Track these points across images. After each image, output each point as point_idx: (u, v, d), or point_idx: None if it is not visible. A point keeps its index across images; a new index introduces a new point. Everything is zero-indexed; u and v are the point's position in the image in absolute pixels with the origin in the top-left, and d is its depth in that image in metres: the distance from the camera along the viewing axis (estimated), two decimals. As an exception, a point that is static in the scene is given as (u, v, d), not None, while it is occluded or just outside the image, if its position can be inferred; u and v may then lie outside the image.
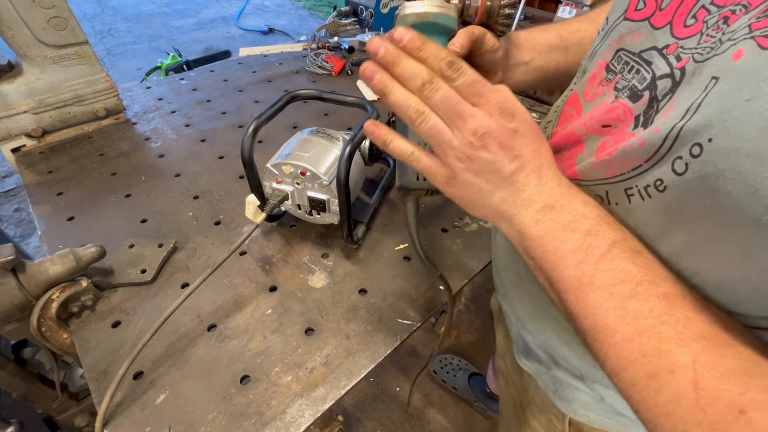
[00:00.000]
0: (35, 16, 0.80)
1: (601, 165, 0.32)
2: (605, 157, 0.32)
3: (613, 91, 0.33)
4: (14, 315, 0.55)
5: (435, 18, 0.36)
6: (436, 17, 0.36)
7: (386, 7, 1.73)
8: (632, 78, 0.31)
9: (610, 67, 0.35)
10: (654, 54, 0.30)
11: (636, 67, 0.31)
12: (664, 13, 0.30)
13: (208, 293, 0.61)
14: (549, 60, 0.50)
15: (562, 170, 0.35)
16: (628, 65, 0.32)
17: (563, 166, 0.36)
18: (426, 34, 0.32)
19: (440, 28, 0.37)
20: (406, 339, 0.57)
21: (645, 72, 0.30)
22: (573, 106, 0.40)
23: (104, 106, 0.96)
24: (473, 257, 0.68)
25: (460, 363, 1.43)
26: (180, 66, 2.20)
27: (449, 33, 0.39)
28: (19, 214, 2.07)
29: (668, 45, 0.29)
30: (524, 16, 2.69)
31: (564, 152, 0.38)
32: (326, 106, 1.08)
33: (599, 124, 0.33)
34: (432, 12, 0.36)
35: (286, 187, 0.62)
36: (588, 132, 0.35)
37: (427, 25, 0.37)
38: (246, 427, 0.47)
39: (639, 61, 0.31)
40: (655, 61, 0.29)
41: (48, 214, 0.75)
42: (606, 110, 0.33)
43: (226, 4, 4.93)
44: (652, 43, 0.30)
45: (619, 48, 0.34)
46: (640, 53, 0.31)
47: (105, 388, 0.49)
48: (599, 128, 0.33)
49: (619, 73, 0.33)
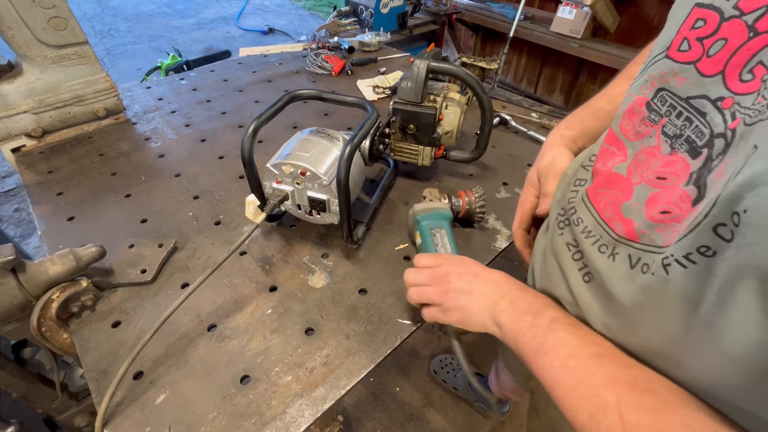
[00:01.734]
0: (35, 16, 0.80)
1: (661, 229, 0.31)
2: (661, 221, 0.31)
3: (662, 136, 0.33)
4: (14, 315, 0.55)
5: (435, 210, 0.64)
6: (436, 209, 0.65)
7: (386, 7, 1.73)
8: (684, 127, 0.31)
9: (653, 107, 0.34)
10: (706, 104, 0.29)
11: (686, 115, 0.31)
12: (713, 61, 0.29)
13: (208, 293, 0.61)
14: None
15: (606, 217, 0.37)
16: (675, 110, 0.32)
17: (607, 212, 0.37)
18: (433, 220, 0.63)
19: (440, 216, 0.64)
20: (406, 339, 0.57)
21: (701, 125, 0.29)
22: (612, 142, 0.39)
23: (104, 106, 0.96)
24: (473, 257, 0.67)
25: (460, 363, 1.43)
26: (180, 66, 2.20)
27: (448, 218, 0.64)
28: (19, 214, 2.07)
29: (723, 98, 0.28)
30: (524, 16, 2.69)
31: (606, 193, 0.38)
32: (326, 106, 1.08)
33: (655, 175, 0.33)
34: (434, 206, 0.65)
35: (286, 187, 0.62)
36: (641, 181, 0.34)
37: (432, 214, 0.64)
38: (246, 427, 0.47)
39: (689, 109, 0.31)
40: (710, 114, 0.29)
41: (48, 214, 0.75)
42: (665, 163, 0.32)
43: (226, 4, 4.93)
44: (702, 91, 0.29)
45: (660, 87, 0.33)
46: (688, 99, 0.31)
47: (105, 388, 0.49)
48: (654, 179, 0.33)
49: (665, 116, 0.33)
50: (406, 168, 0.86)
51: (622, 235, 0.35)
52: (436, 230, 0.62)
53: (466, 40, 3.40)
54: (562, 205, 0.45)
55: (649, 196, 0.33)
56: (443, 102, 0.75)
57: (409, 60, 1.37)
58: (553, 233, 0.45)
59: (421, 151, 0.77)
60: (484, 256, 0.68)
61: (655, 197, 0.32)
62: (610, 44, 2.43)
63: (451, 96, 0.77)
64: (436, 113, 0.72)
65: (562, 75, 2.91)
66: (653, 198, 0.32)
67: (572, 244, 0.42)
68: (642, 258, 0.33)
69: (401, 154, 0.79)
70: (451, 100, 0.77)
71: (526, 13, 2.73)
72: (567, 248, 0.42)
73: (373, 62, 1.32)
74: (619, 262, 0.35)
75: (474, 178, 0.85)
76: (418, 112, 0.72)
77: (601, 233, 0.38)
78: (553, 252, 0.45)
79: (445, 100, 0.76)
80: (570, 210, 0.43)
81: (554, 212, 0.49)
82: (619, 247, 0.35)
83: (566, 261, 0.42)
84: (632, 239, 0.34)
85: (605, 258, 0.37)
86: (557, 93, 3.00)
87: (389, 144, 0.78)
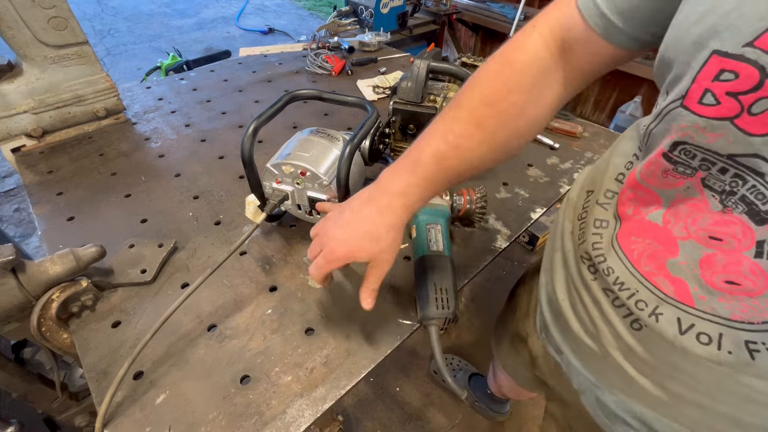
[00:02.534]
0: (35, 16, 0.80)
1: (726, 300, 0.29)
2: (728, 291, 0.28)
3: (705, 189, 0.30)
4: (14, 315, 0.55)
5: (434, 206, 0.65)
6: (435, 206, 0.65)
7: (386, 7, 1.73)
8: (735, 184, 0.28)
9: (675, 159, 0.31)
10: (763, 165, 0.26)
11: (735, 172, 0.28)
12: (759, 120, 0.25)
13: (208, 293, 0.61)
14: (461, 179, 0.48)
15: (644, 270, 0.34)
16: (715, 165, 0.29)
17: (645, 265, 0.34)
18: (430, 216, 0.63)
19: (438, 212, 0.64)
20: (406, 339, 0.57)
21: (761, 185, 0.26)
22: (637, 188, 0.36)
23: (104, 106, 0.96)
24: (473, 257, 0.68)
25: (460, 363, 1.43)
26: (180, 66, 2.20)
27: (445, 216, 0.64)
28: (19, 214, 2.07)
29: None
30: (524, 16, 2.70)
31: (640, 241, 0.35)
32: (326, 106, 1.08)
33: (706, 234, 0.30)
34: (433, 202, 0.66)
35: (286, 187, 0.62)
36: (689, 237, 0.31)
37: (430, 210, 0.64)
38: (246, 427, 0.47)
39: (736, 166, 0.27)
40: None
41: (48, 214, 0.75)
42: (717, 222, 0.29)
43: (226, 4, 4.93)
44: (751, 150, 0.26)
45: (679, 141, 0.30)
46: (732, 156, 0.27)
47: (105, 388, 0.49)
48: (706, 238, 0.30)
49: (700, 170, 0.30)
50: (406, 168, 0.86)
51: (671, 295, 0.32)
52: (432, 226, 0.62)
53: (466, 40, 3.40)
54: (585, 249, 0.42)
55: (703, 256, 0.30)
56: (443, 102, 0.75)
57: (409, 60, 1.37)
58: (584, 277, 0.42)
59: (421, 151, 0.77)
60: (484, 256, 0.68)
61: (711, 259, 0.30)
62: (610, 44, 2.42)
63: (451, 96, 0.77)
64: (436, 113, 0.72)
65: (562, 75, 2.91)
66: (708, 260, 0.30)
67: (610, 290, 0.38)
68: (696, 325, 0.30)
69: (401, 154, 0.79)
70: (451, 100, 0.76)
71: (526, 13, 2.73)
72: (605, 294, 0.39)
73: (373, 62, 1.32)
74: (664, 323, 0.32)
75: (474, 177, 0.85)
76: (418, 112, 0.72)
77: (637, 287, 0.34)
78: (591, 296, 0.41)
79: (445, 100, 0.76)
80: (598, 258, 0.39)
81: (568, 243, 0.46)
82: (663, 306, 0.32)
83: (606, 308, 0.39)
84: (684, 302, 0.31)
85: (645, 315, 0.34)
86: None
87: (389, 144, 0.78)
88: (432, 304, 0.54)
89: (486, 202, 0.69)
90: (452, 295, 0.55)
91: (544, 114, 0.43)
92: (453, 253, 0.61)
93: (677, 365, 0.33)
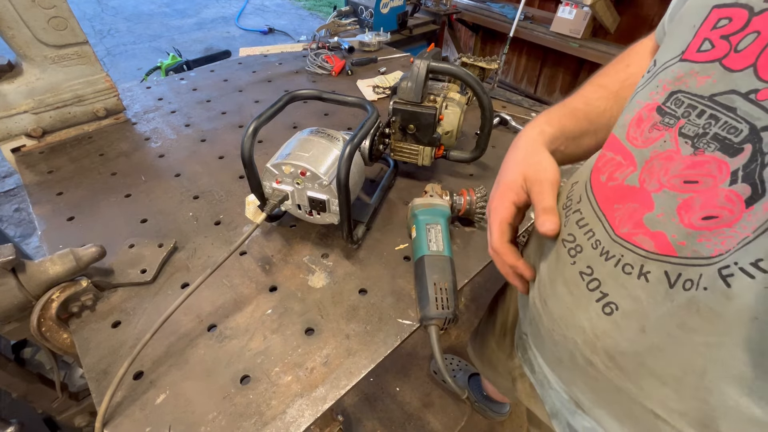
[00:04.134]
0: (35, 16, 0.80)
1: (706, 238, 0.29)
2: (706, 228, 0.28)
3: (680, 138, 0.31)
4: (14, 315, 0.55)
5: (434, 206, 0.65)
6: (435, 206, 0.65)
7: (386, 7, 1.73)
8: (708, 125, 0.29)
9: (666, 110, 0.32)
10: (736, 99, 0.28)
11: (710, 113, 0.29)
12: (742, 55, 0.28)
13: (208, 293, 0.61)
14: (580, 145, 0.51)
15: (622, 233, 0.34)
16: (696, 109, 0.30)
17: (623, 227, 0.34)
18: (430, 216, 0.63)
19: (438, 212, 0.64)
20: (406, 339, 0.57)
21: (732, 120, 0.28)
22: (616, 151, 0.37)
23: (104, 106, 0.96)
24: (473, 257, 0.68)
25: (460, 363, 1.43)
26: (180, 66, 2.20)
27: (446, 215, 0.64)
28: (19, 214, 2.07)
29: (756, 90, 0.27)
30: (524, 16, 2.70)
31: (622, 208, 0.35)
32: (326, 106, 1.08)
33: (681, 179, 0.31)
34: (433, 202, 0.66)
35: (286, 187, 0.62)
36: (662, 188, 0.32)
37: (430, 210, 0.65)
38: (246, 427, 0.47)
39: (714, 107, 0.29)
40: (742, 108, 0.28)
41: (48, 214, 0.75)
42: (690, 165, 0.30)
43: (226, 4, 4.93)
44: (730, 86, 0.28)
45: (675, 90, 0.32)
46: (712, 97, 0.29)
47: (105, 388, 0.49)
48: (681, 184, 0.31)
49: (683, 117, 0.31)
50: (406, 168, 0.86)
51: (652, 250, 0.32)
52: (432, 226, 0.62)
53: (466, 40, 3.40)
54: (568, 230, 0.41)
55: (680, 203, 0.30)
56: (443, 102, 0.75)
57: (409, 60, 1.37)
58: (565, 262, 0.40)
59: (421, 151, 0.77)
60: (484, 256, 0.68)
61: (689, 203, 0.30)
62: (610, 44, 2.43)
63: (451, 96, 0.77)
64: (436, 113, 0.72)
65: (562, 75, 2.91)
66: (685, 204, 0.30)
67: (586, 273, 0.37)
68: (683, 273, 0.29)
69: (401, 154, 0.79)
70: (451, 100, 0.77)
71: (526, 13, 2.73)
72: (581, 277, 0.38)
73: (373, 62, 1.32)
74: (654, 282, 0.31)
75: (474, 178, 0.85)
76: (418, 112, 0.72)
77: (622, 252, 0.34)
78: (565, 283, 0.40)
79: (445, 100, 0.76)
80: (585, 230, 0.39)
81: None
82: (649, 264, 0.32)
83: (582, 291, 0.38)
84: (667, 253, 0.31)
85: (633, 279, 0.33)
86: (557, 93, 3.00)
87: (389, 144, 0.78)
88: (432, 304, 0.54)
89: (486, 202, 0.69)
90: (452, 295, 0.55)
91: None
92: (453, 253, 0.61)
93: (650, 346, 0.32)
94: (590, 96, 0.52)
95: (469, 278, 0.65)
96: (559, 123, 0.49)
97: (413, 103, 0.72)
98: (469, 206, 0.69)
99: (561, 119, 0.50)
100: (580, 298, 0.38)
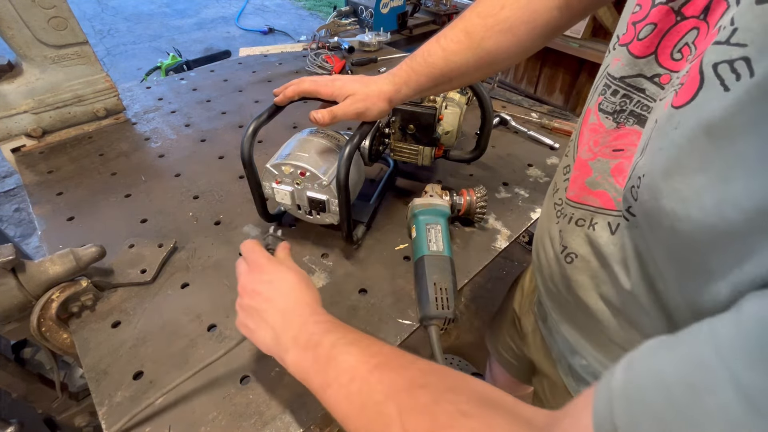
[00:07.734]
0: (35, 16, 0.80)
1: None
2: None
3: (600, 113, 0.37)
4: (14, 315, 0.55)
5: (434, 206, 0.64)
6: (435, 206, 0.64)
7: (386, 7, 1.73)
8: (623, 103, 0.35)
9: (595, 88, 0.39)
10: (643, 81, 0.33)
11: (624, 93, 0.35)
12: (643, 44, 0.32)
13: (208, 293, 0.61)
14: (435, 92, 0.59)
15: (571, 195, 0.41)
16: (610, 88, 0.36)
17: (572, 190, 0.41)
18: (430, 216, 0.63)
19: (438, 212, 0.64)
20: (406, 339, 0.57)
21: (644, 99, 0.33)
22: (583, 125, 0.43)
23: (104, 106, 0.96)
24: (473, 257, 0.68)
25: (460, 363, 1.43)
26: (180, 66, 2.20)
27: (445, 215, 0.64)
28: (19, 214, 2.07)
29: (659, 74, 0.32)
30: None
31: (576, 174, 0.41)
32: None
33: (610, 149, 0.36)
34: (433, 202, 0.65)
35: (285, 188, 0.62)
36: (597, 156, 0.38)
37: (430, 210, 0.64)
38: (246, 427, 0.47)
39: (625, 87, 0.34)
40: (650, 89, 0.32)
41: (48, 214, 0.75)
42: (616, 137, 0.36)
43: (226, 4, 4.93)
44: (635, 71, 0.33)
45: (603, 70, 0.38)
46: (623, 78, 0.34)
47: (105, 388, 0.49)
48: (610, 152, 0.36)
49: (601, 95, 0.37)
50: (406, 168, 0.86)
51: (597, 206, 0.38)
52: (432, 226, 0.62)
53: (466, 40, 3.40)
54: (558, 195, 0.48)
55: (612, 167, 0.36)
56: (443, 102, 0.75)
57: (409, 60, 1.37)
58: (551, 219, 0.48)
59: (421, 151, 0.77)
60: (484, 256, 0.68)
61: (619, 167, 0.36)
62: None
63: (451, 96, 0.77)
64: (436, 113, 0.72)
65: (562, 75, 2.91)
66: (617, 168, 0.36)
67: (561, 230, 0.45)
68: (621, 224, 0.35)
69: (401, 154, 0.79)
70: (451, 100, 0.77)
71: (526, 13, 2.73)
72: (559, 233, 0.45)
73: (373, 62, 1.32)
74: (600, 230, 0.38)
75: (474, 178, 0.85)
76: (418, 112, 0.72)
77: (573, 211, 0.41)
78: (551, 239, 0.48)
79: (445, 100, 0.76)
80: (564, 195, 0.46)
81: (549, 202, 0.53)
82: (597, 217, 0.38)
83: (557, 247, 0.46)
84: (609, 208, 0.37)
85: (585, 230, 0.40)
86: (557, 93, 3.00)
87: (389, 144, 0.78)
88: (432, 304, 0.54)
89: (486, 202, 0.69)
90: (452, 295, 0.55)
91: (535, 36, 0.48)
92: (453, 253, 0.61)
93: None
94: (451, 48, 0.51)
95: (469, 278, 0.65)
96: (417, 84, 0.55)
97: (413, 103, 0.72)
98: (469, 206, 0.69)
99: (419, 79, 0.54)
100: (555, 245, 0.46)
